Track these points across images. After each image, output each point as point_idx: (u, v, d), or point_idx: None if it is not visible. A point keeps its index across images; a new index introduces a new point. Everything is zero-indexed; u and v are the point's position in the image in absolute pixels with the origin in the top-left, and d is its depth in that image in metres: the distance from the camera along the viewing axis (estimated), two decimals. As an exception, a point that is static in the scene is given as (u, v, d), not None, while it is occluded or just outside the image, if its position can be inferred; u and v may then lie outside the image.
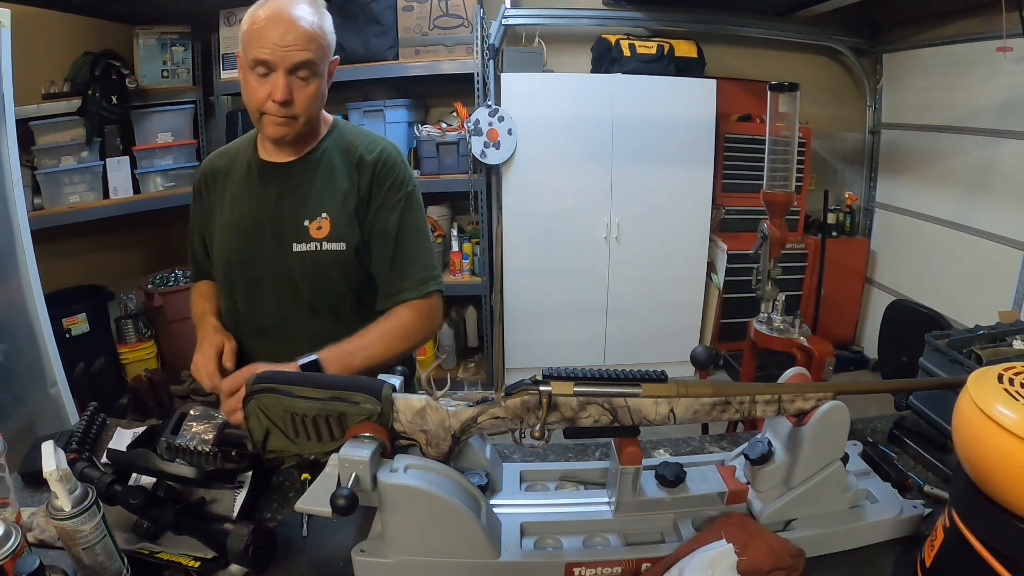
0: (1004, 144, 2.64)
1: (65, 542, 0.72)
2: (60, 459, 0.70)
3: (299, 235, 1.12)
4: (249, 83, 1.06)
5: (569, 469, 0.97)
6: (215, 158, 1.25)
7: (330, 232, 1.12)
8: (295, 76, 1.05)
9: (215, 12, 2.98)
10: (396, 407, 0.80)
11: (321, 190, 1.14)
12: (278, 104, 1.04)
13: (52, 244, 2.69)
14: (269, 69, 1.03)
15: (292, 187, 1.14)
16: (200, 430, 0.95)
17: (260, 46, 1.02)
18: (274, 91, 1.03)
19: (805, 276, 3.40)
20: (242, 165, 1.19)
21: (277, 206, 1.14)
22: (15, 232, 1.85)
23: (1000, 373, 0.64)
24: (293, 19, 1.03)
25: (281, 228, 1.13)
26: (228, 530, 0.81)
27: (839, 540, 0.84)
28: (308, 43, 1.04)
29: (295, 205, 1.14)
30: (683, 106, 3.02)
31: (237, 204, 1.17)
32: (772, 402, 0.80)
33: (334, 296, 1.16)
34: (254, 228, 1.14)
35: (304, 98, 1.07)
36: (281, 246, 1.13)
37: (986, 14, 2.59)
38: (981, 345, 1.14)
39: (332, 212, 1.13)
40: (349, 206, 1.13)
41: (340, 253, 1.13)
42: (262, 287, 1.16)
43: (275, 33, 1.01)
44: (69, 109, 2.71)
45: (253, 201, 1.16)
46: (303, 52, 1.03)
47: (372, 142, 1.19)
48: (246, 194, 1.17)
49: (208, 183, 1.23)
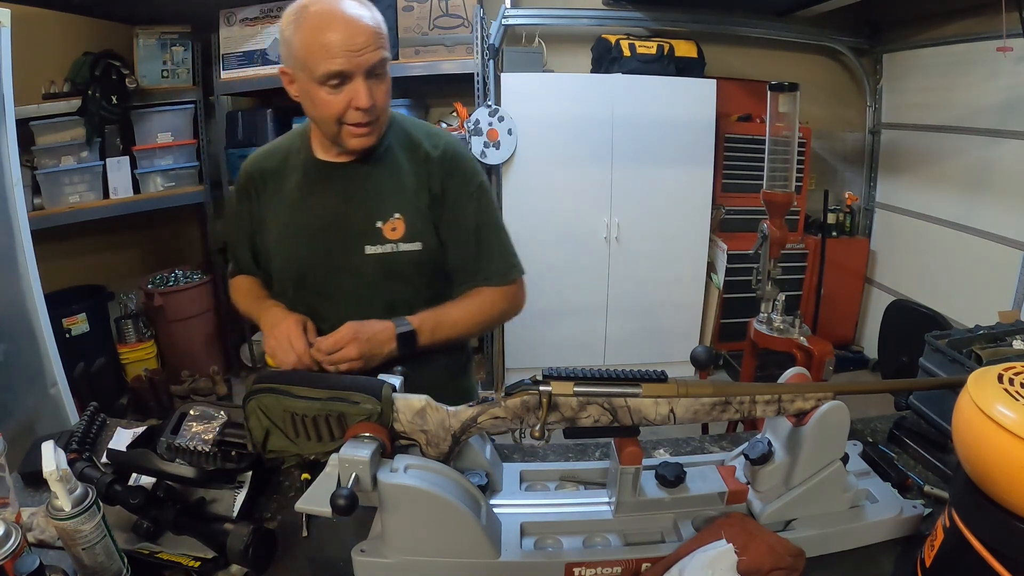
0: (1004, 144, 2.64)
1: (65, 542, 0.72)
2: (60, 459, 0.70)
3: (372, 237, 1.09)
4: (319, 97, 0.99)
5: (569, 469, 0.97)
6: (262, 159, 1.19)
7: (405, 233, 1.09)
8: (372, 77, 0.99)
9: (215, 12, 2.98)
10: (396, 407, 0.80)
11: (391, 189, 1.10)
12: (363, 111, 0.99)
13: (52, 244, 2.70)
14: (344, 79, 0.97)
15: (359, 187, 1.10)
16: (200, 430, 0.95)
17: (329, 56, 0.95)
18: (356, 98, 0.98)
19: (805, 276, 3.40)
20: (296, 167, 1.14)
21: (345, 208, 1.10)
22: (15, 232, 1.85)
23: (1000, 373, 0.64)
24: (354, 18, 0.96)
25: (351, 231, 1.09)
26: (228, 530, 0.81)
27: (839, 540, 0.84)
28: (377, 40, 0.98)
29: (365, 206, 1.10)
30: (683, 106, 3.02)
31: (298, 208, 1.12)
32: (772, 402, 0.80)
33: (408, 296, 1.12)
34: (321, 232, 1.10)
35: (382, 97, 1.02)
36: (353, 249, 1.09)
37: (986, 14, 2.59)
38: (981, 345, 1.14)
39: (405, 212, 1.09)
40: (422, 204, 1.10)
41: (416, 253, 1.10)
42: (333, 291, 1.12)
43: (339, 39, 0.95)
44: (69, 109, 2.71)
45: (316, 204, 1.11)
46: (377, 51, 0.98)
47: (433, 135, 1.15)
48: (307, 197, 1.12)
49: (257, 185, 1.17)
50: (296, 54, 0.99)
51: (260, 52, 2.98)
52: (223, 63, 3.02)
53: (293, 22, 0.98)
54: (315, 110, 1.02)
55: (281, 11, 2.89)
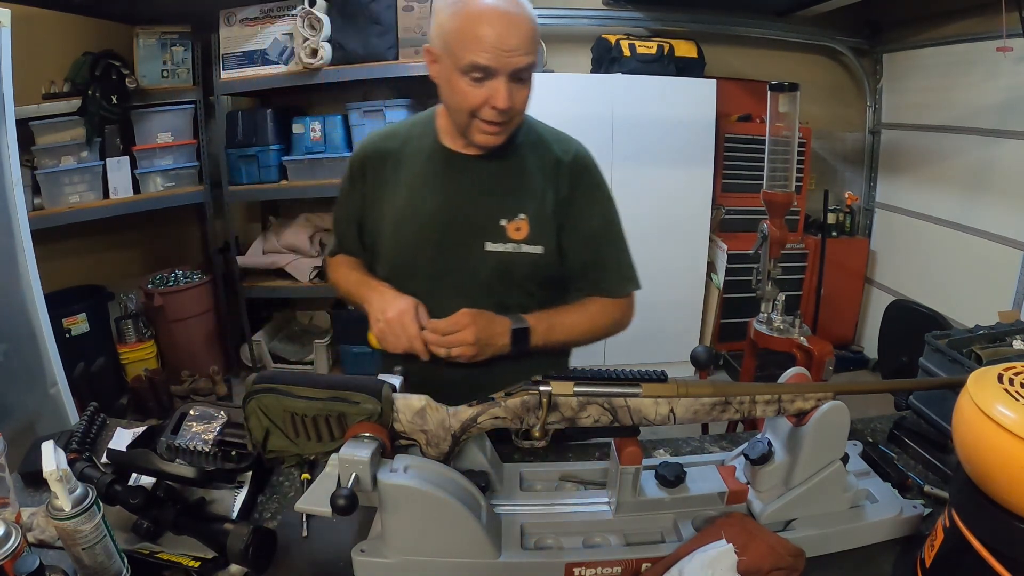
0: (1004, 144, 2.64)
1: (65, 542, 0.72)
2: (60, 459, 0.70)
3: (495, 234, 1.07)
4: (459, 86, 0.97)
5: (569, 469, 0.97)
6: (382, 140, 1.16)
7: (529, 234, 1.07)
8: (515, 79, 0.96)
9: (215, 12, 2.98)
10: (396, 407, 0.80)
11: (519, 189, 1.08)
12: (499, 111, 0.97)
13: (52, 244, 2.70)
14: (487, 75, 0.95)
15: (487, 183, 1.08)
16: (200, 430, 0.95)
17: (479, 49, 0.92)
18: (495, 98, 0.95)
19: (805, 276, 3.40)
20: (420, 152, 1.12)
21: (470, 201, 1.08)
22: (15, 232, 1.85)
23: (1000, 373, 0.64)
24: (513, 18, 0.93)
25: (474, 225, 1.07)
26: (228, 530, 0.81)
27: (839, 540, 0.84)
28: (531, 45, 0.95)
29: (491, 203, 1.08)
30: (683, 106, 3.02)
31: (417, 193, 1.10)
32: (772, 402, 0.80)
33: (522, 298, 1.10)
34: (442, 222, 1.08)
35: (521, 101, 1.00)
36: (473, 243, 1.07)
37: (986, 14, 2.59)
38: (981, 345, 1.14)
39: (531, 213, 1.07)
40: (547, 208, 1.08)
41: (537, 256, 1.08)
42: (445, 282, 1.09)
43: (493, 35, 0.92)
44: (69, 109, 2.71)
45: (439, 192, 1.09)
46: (527, 56, 0.95)
47: (563, 141, 1.15)
48: (430, 184, 1.09)
49: (375, 165, 1.14)
50: (446, 37, 0.96)
51: (260, 52, 2.98)
52: (223, 63, 3.02)
53: (451, 5, 0.95)
54: (452, 97, 1.00)
55: (281, 11, 2.94)
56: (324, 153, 3.09)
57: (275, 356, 3.42)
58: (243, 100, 3.37)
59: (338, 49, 2.91)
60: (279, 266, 3.24)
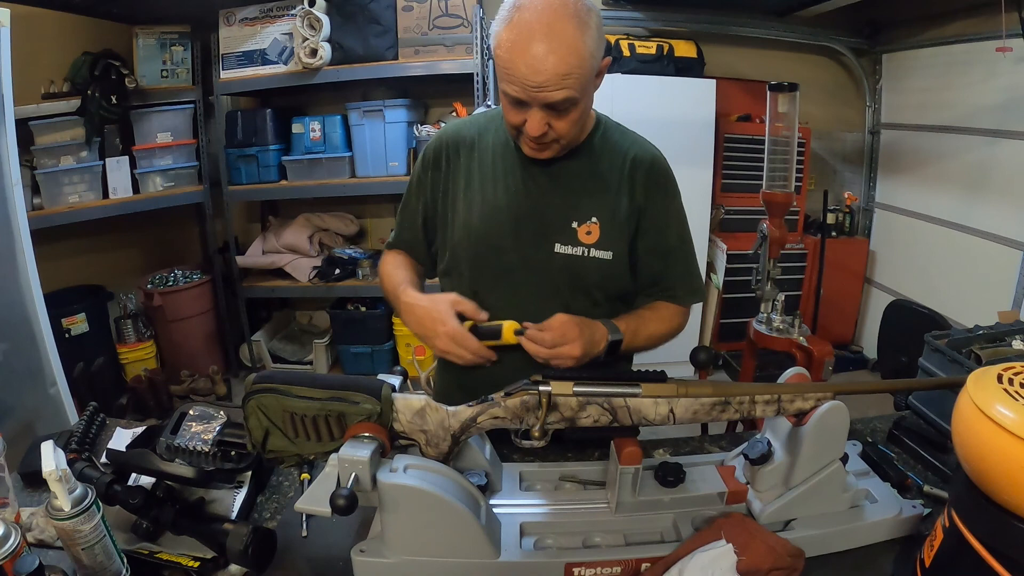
0: (1004, 144, 2.64)
1: (65, 542, 0.72)
2: (60, 459, 0.70)
3: (565, 236, 1.06)
4: (504, 102, 0.97)
5: (569, 469, 0.97)
6: (461, 127, 1.14)
7: (599, 239, 1.06)
8: (551, 110, 0.93)
9: (215, 12, 2.98)
10: (396, 407, 0.80)
11: (592, 192, 1.07)
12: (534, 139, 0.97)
13: (52, 244, 2.69)
14: (521, 103, 0.93)
15: (560, 184, 1.07)
16: (199, 430, 0.95)
17: (510, 81, 0.91)
18: (528, 125, 0.94)
19: (805, 276, 3.40)
20: (496, 144, 1.10)
21: (542, 201, 1.07)
22: (15, 232, 1.85)
23: (1000, 373, 0.64)
24: (547, 51, 0.87)
25: (545, 225, 1.06)
26: (228, 530, 0.81)
27: (839, 540, 0.84)
28: (563, 80, 0.89)
29: (563, 204, 1.06)
30: (683, 106, 3.02)
31: (491, 186, 1.08)
32: (772, 402, 0.81)
33: (588, 303, 1.08)
34: (513, 218, 1.06)
35: (564, 126, 0.96)
36: (543, 243, 1.06)
37: (986, 14, 2.59)
38: (981, 345, 1.14)
39: (602, 218, 1.06)
40: (620, 214, 1.07)
41: (606, 262, 1.06)
42: (513, 279, 1.07)
43: (524, 69, 0.88)
44: (69, 109, 2.71)
45: (513, 188, 1.07)
46: (557, 92, 0.90)
47: (640, 146, 1.12)
48: (505, 178, 1.08)
49: (453, 152, 1.11)
50: (496, 52, 0.94)
51: (260, 52, 2.98)
52: (223, 63, 3.02)
53: (504, 20, 0.92)
54: (502, 106, 1.00)
55: (281, 11, 2.94)
56: (324, 153, 3.10)
57: (274, 356, 3.42)
58: (243, 100, 3.37)
59: (338, 49, 2.91)
60: (278, 266, 3.24)
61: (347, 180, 3.11)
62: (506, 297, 1.07)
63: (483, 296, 1.07)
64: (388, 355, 3.28)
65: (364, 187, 3.12)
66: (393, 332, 3.27)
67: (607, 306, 1.10)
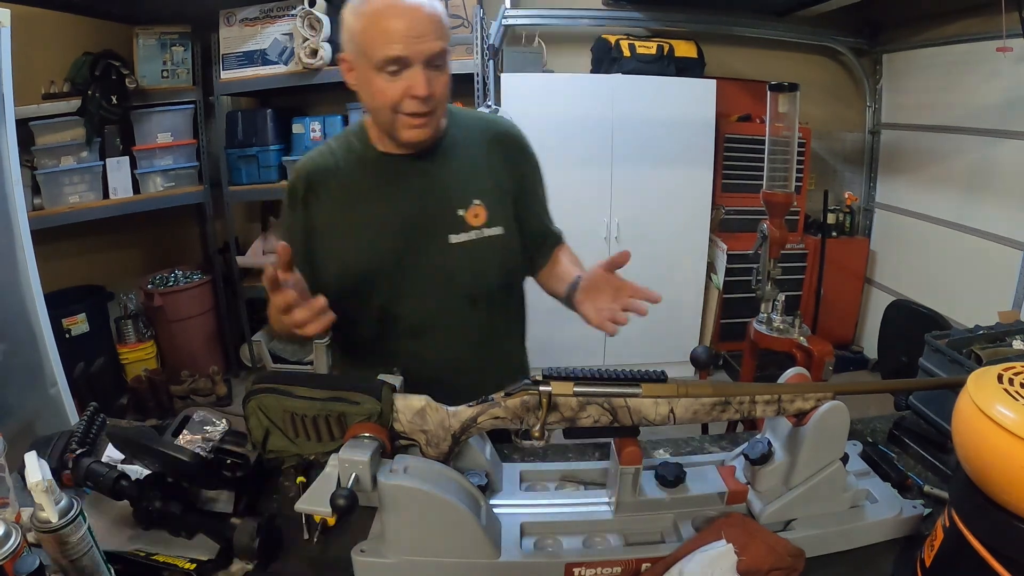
0: (1004, 144, 2.64)
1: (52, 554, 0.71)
2: (44, 470, 0.69)
3: (455, 225, 1.08)
4: (376, 84, 0.97)
5: (569, 469, 0.97)
6: (319, 157, 1.13)
7: (488, 218, 1.09)
8: (431, 67, 0.97)
9: (215, 12, 2.98)
10: (396, 407, 0.80)
11: (466, 176, 1.10)
12: (420, 100, 0.97)
13: (52, 244, 2.70)
14: (402, 66, 0.95)
15: (432, 178, 1.09)
16: (198, 438, 0.95)
17: (388, 42, 0.94)
18: (414, 86, 0.96)
19: (805, 276, 3.40)
20: (358, 162, 1.10)
21: (420, 199, 1.08)
22: (15, 232, 1.85)
23: (1000, 373, 0.64)
24: (415, 7, 0.95)
25: (431, 221, 1.08)
26: (235, 524, 0.81)
27: (839, 540, 0.84)
28: (438, 30, 0.97)
29: (442, 196, 1.09)
30: (683, 106, 3.02)
31: (368, 204, 1.09)
32: (772, 402, 0.80)
33: (490, 284, 1.12)
34: (399, 226, 1.08)
35: (441, 88, 1.00)
36: (435, 239, 1.08)
37: (986, 14, 2.59)
38: (981, 345, 1.14)
39: (484, 197, 1.09)
40: (498, 188, 1.12)
41: (499, 237, 1.10)
42: (415, 285, 1.09)
43: (400, 25, 0.94)
44: (69, 109, 2.71)
45: (390, 198, 1.08)
46: (437, 41, 0.96)
47: (484, 119, 1.20)
48: (377, 192, 1.09)
49: (315, 187, 1.10)
50: (356, 40, 0.98)
51: (260, 52, 2.98)
52: (223, 63, 3.02)
53: (355, 8, 0.98)
54: (372, 99, 1.01)
55: (281, 11, 2.94)
56: (324, 153, 3.09)
57: (275, 356, 3.42)
58: (243, 100, 3.37)
59: (338, 49, 2.91)
60: (279, 266, 3.23)
61: (347, 180, 3.11)
62: (413, 304, 1.09)
63: (392, 308, 1.09)
64: (388, 355, 3.28)
65: (364, 187, 3.11)
66: (393, 332, 3.27)
67: (505, 280, 1.16)
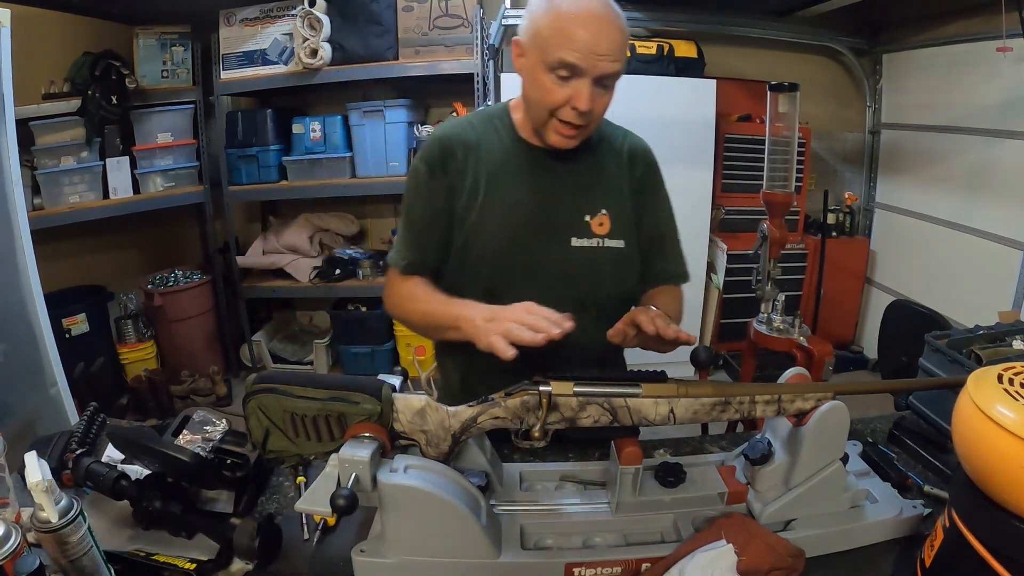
0: (1004, 144, 2.64)
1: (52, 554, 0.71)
2: (44, 470, 0.69)
3: (579, 229, 1.08)
4: (542, 81, 0.97)
5: (569, 469, 0.97)
6: (459, 129, 1.12)
7: (611, 229, 1.09)
8: (599, 85, 0.97)
9: (215, 12, 2.98)
10: (396, 407, 0.80)
11: (599, 185, 1.10)
12: (579, 112, 0.97)
13: (52, 244, 2.70)
14: (574, 74, 0.95)
15: (568, 178, 1.09)
16: (198, 438, 0.95)
17: (570, 48, 0.92)
18: (576, 99, 0.95)
19: (805, 276, 3.39)
20: (499, 145, 1.10)
21: (553, 196, 1.08)
22: (15, 232, 1.85)
23: (1000, 373, 0.64)
24: (608, 22, 0.94)
25: (558, 220, 1.08)
26: (235, 524, 0.81)
27: (839, 540, 0.84)
28: (620, 53, 0.96)
29: (574, 198, 1.09)
30: (683, 106, 3.02)
31: (502, 186, 1.08)
32: (772, 402, 0.81)
33: (603, 294, 1.11)
34: (528, 215, 1.07)
35: (601, 107, 1.00)
36: (558, 239, 1.08)
37: (986, 14, 2.59)
38: (981, 345, 1.14)
39: (611, 208, 1.10)
40: (626, 204, 1.12)
41: (619, 251, 1.10)
42: (530, 278, 1.08)
43: (587, 36, 0.92)
44: (69, 109, 2.71)
45: (525, 186, 1.08)
46: (615, 63, 0.95)
47: (626, 134, 1.18)
48: (515, 176, 1.08)
49: (454, 154, 1.09)
50: (539, 32, 0.96)
51: (260, 52, 2.98)
52: (223, 63, 3.02)
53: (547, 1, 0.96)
54: (534, 92, 1.00)
55: (281, 11, 2.94)
56: (324, 153, 3.10)
57: (275, 356, 3.43)
58: (243, 100, 3.37)
59: (338, 49, 2.91)
60: (279, 266, 3.24)
61: (347, 180, 3.12)
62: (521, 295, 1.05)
63: (498, 295, 1.06)
64: (388, 355, 3.28)
65: (364, 187, 3.12)
66: (393, 332, 3.27)
67: (620, 293, 1.13)
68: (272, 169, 3.13)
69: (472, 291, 1.07)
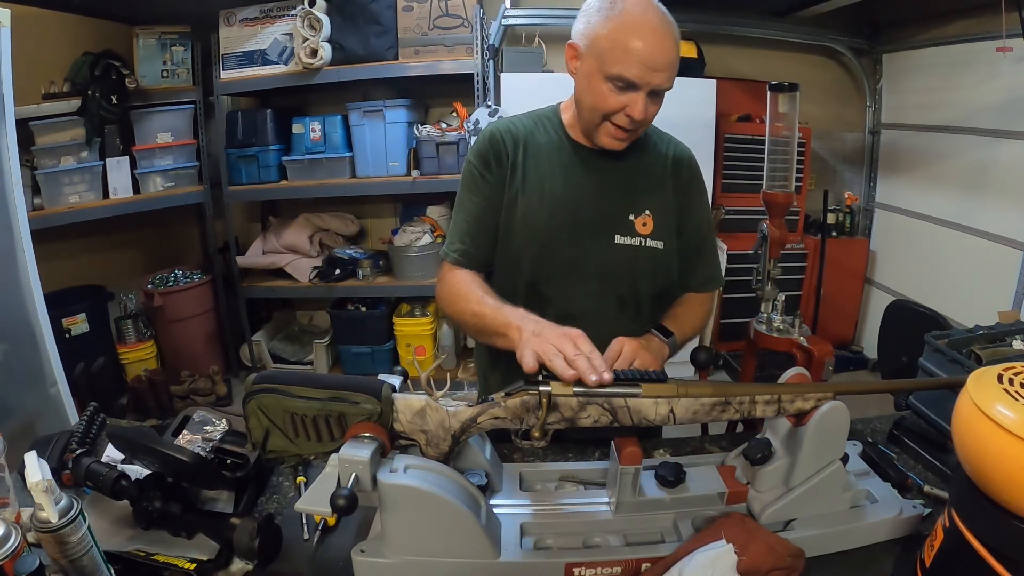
0: (1004, 144, 2.64)
1: (51, 554, 0.71)
2: (44, 470, 0.69)
3: (623, 228, 1.12)
4: (598, 88, 1.01)
5: (569, 469, 0.97)
6: (510, 125, 1.17)
7: (653, 230, 1.12)
8: (652, 95, 1.01)
9: (215, 12, 2.98)
10: (396, 407, 0.80)
11: (644, 186, 1.14)
12: (631, 119, 1.01)
13: (52, 244, 2.70)
14: (629, 87, 0.99)
15: (615, 178, 1.13)
16: (198, 437, 0.95)
17: (627, 62, 0.96)
18: (632, 108, 1.00)
19: (805, 276, 3.39)
20: (549, 143, 1.15)
21: (600, 195, 1.12)
22: (15, 232, 1.85)
23: (1000, 373, 0.64)
24: (665, 34, 0.97)
25: (604, 218, 1.12)
26: (235, 524, 0.81)
27: (839, 540, 0.84)
28: (674, 67, 1.00)
29: (619, 197, 1.13)
30: (683, 106, 2.98)
31: (550, 182, 1.12)
32: (772, 402, 0.81)
33: (642, 293, 1.15)
34: (574, 212, 1.11)
35: (652, 116, 1.05)
36: (602, 236, 1.11)
37: (986, 14, 2.59)
38: (981, 345, 1.14)
39: (654, 210, 1.13)
40: (668, 205, 1.15)
41: (659, 251, 1.13)
42: (574, 273, 1.12)
43: (644, 51, 0.96)
44: (69, 109, 2.71)
45: (572, 182, 1.12)
46: (669, 80, 1.00)
47: (671, 140, 1.22)
48: (563, 173, 1.13)
49: (507, 147, 1.14)
50: (596, 41, 1.00)
51: (260, 52, 2.98)
52: (223, 63, 3.02)
53: (606, 10, 0.99)
54: (588, 97, 1.04)
55: (281, 11, 2.94)
56: (324, 153, 3.10)
57: (275, 356, 3.42)
58: (243, 100, 3.37)
59: (338, 49, 2.91)
60: (279, 266, 3.24)
61: (347, 180, 3.11)
62: (568, 291, 1.12)
63: (541, 288, 1.12)
64: (388, 355, 3.28)
65: (364, 187, 3.12)
66: (393, 332, 3.27)
67: (656, 292, 1.16)
68: (272, 169, 3.13)
69: (515, 282, 1.12)
